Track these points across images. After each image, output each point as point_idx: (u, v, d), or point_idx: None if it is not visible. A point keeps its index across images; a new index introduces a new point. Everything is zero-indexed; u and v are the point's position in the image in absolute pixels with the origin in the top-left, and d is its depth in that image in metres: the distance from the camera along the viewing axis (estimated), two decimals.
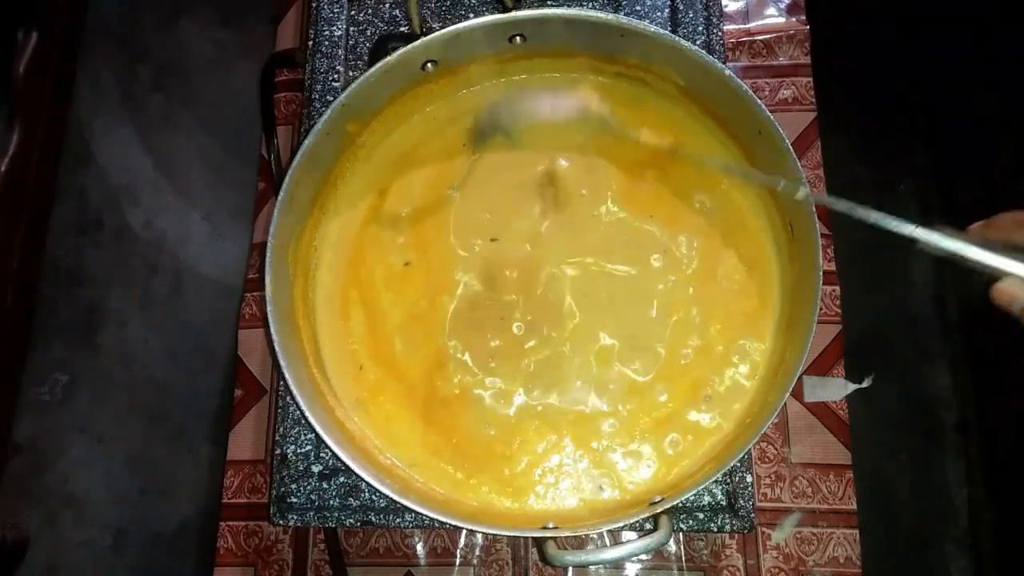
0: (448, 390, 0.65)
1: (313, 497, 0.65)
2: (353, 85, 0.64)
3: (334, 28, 0.76)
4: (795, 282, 0.63)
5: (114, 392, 1.00)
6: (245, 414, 0.73)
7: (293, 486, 0.65)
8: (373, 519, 0.63)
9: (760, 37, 0.79)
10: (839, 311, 0.73)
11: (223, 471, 0.72)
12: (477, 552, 0.68)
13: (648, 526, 0.60)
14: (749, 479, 0.62)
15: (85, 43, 1.12)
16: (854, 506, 0.68)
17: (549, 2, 0.75)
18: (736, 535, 0.67)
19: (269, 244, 0.62)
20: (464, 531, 0.68)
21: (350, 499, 0.64)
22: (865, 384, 0.71)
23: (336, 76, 0.74)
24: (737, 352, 0.64)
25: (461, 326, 0.66)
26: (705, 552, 0.66)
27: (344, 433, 0.62)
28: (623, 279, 0.67)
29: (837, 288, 0.73)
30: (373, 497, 0.64)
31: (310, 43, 0.75)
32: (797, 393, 0.71)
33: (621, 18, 0.64)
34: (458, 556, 0.68)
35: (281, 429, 0.66)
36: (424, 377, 0.65)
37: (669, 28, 0.73)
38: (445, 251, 0.68)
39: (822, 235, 0.57)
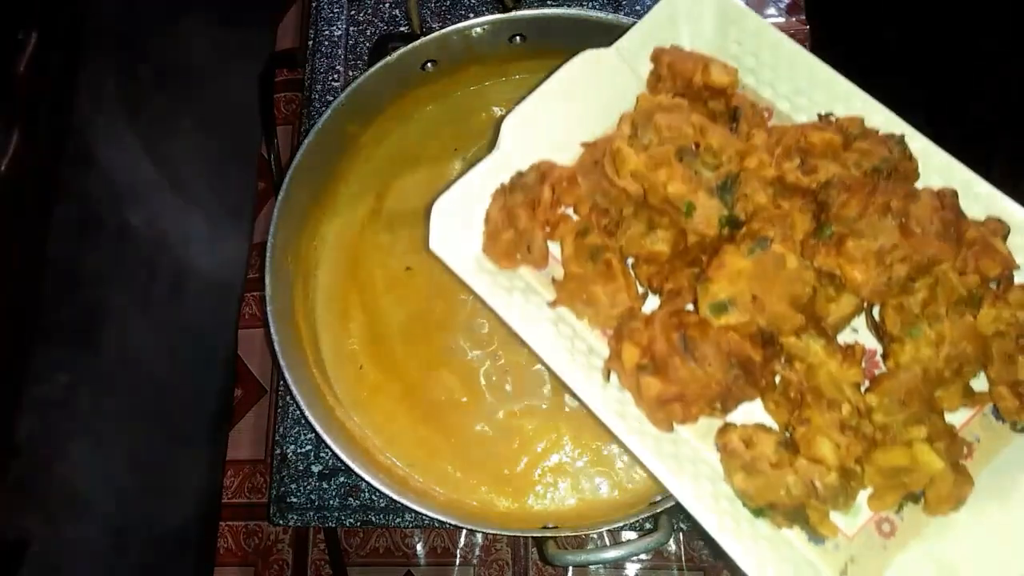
0: (447, 390, 0.65)
1: (313, 497, 0.65)
2: (353, 85, 0.64)
3: (334, 28, 0.76)
4: None
5: (114, 392, 1.00)
6: (245, 414, 0.73)
7: (293, 486, 0.65)
8: (373, 519, 0.63)
9: None
10: None
11: (223, 471, 0.72)
12: (477, 552, 0.68)
13: (648, 526, 0.60)
14: None
15: (85, 43, 1.12)
16: None
17: (549, 2, 0.75)
18: None
19: (269, 244, 0.62)
20: (464, 531, 0.68)
21: (350, 499, 0.64)
22: None
23: (336, 76, 0.74)
24: None
25: (461, 328, 0.66)
26: (705, 552, 0.66)
27: (344, 433, 0.62)
28: None
29: None
30: (373, 497, 0.64)
31: (310, 43, 0.75)
32: None
33: (621, 18, 0.64)
34: (458, 556, 0.68)
35: (281, 429, 0.66)
36: (423, 377, 0.65)
37: None
38: None
39: None
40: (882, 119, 0.52)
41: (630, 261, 0.54)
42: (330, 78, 0.74)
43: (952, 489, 0.47)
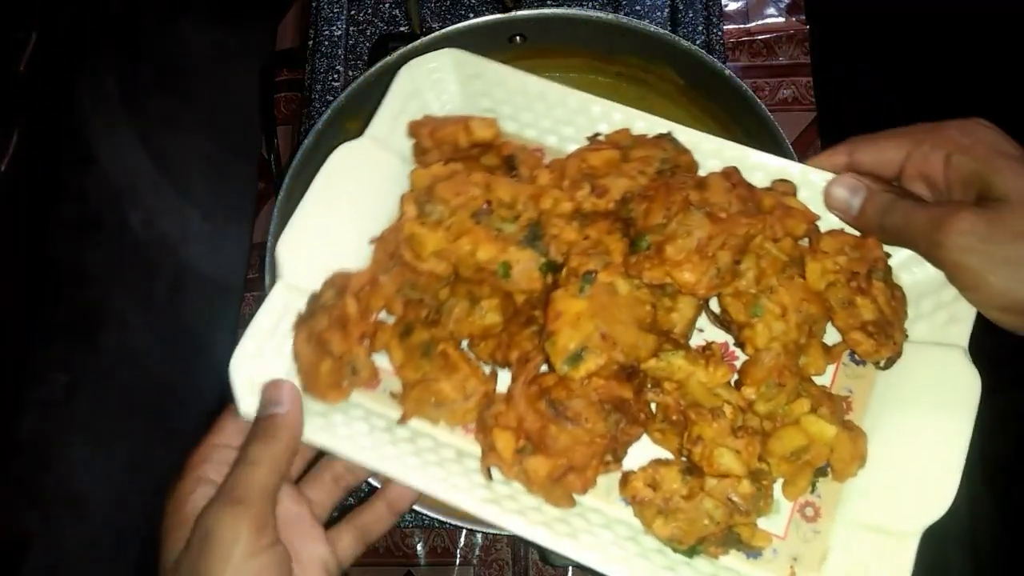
0: None
1: None
2: (352, 85, 0.64)
3: (334, 28, 0.76)
4: None
5: (114, 392, 1.00)
6: None
7: None
8: None
9: (760, 37, 0.80)
10: None
11: None
12: (477, 552, 0.68)
13: None
14: None
15: (85, 42, 1.12)
16: None
17: (549, 2, 0.75)
18: None
19: (269, 244, 0.62)
20: (464, 531, 0.68)
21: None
22: None
23: (336, 76, 0.74)
24: None
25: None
26: None
27: None
28: None
29: None
30: None
31: (310, 43, 0.75)
32: None
33: (621, 18, 0.64)
34: (458, 556, 0.68)
35: None
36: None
37: (669, 28, 0.73)
38: None
39: None
40: (645, 124, 0.53)
41: (465, 344, 0.51)
42: (330, 78, 0.74)
43: (851, 449, 0.47)
